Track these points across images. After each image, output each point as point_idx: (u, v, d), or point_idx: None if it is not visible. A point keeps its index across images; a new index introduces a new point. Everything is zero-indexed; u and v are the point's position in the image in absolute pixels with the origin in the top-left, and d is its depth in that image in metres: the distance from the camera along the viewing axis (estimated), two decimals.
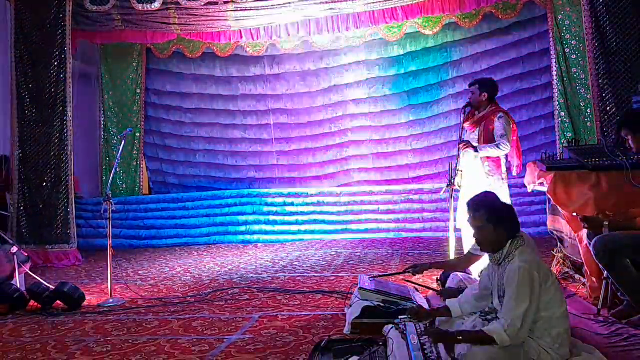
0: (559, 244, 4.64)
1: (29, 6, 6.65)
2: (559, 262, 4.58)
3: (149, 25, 7.56)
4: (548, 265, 2.81)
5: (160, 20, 7.35)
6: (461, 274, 4.21)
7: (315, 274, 5.37)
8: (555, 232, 4.63)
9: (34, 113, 6.68)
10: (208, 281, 5.30)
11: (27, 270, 4.74)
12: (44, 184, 6.64)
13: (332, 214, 8.12)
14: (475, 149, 4.48)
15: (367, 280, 3.88)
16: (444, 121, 8.63)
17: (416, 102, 8.82)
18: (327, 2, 7.07)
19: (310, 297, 4.46)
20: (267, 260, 6.29)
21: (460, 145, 4.55)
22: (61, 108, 6.66)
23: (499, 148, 4.41)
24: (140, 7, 6.86)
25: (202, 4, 6.93)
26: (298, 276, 5.31)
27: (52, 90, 6.66)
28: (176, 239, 7.98)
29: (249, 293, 4.70)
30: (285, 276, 5.35)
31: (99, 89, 9.20)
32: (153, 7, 6.84)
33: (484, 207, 2.62)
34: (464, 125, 4.70)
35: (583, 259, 3.74)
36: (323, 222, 8.02)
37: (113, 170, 5.14)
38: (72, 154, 6.70)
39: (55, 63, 6.65)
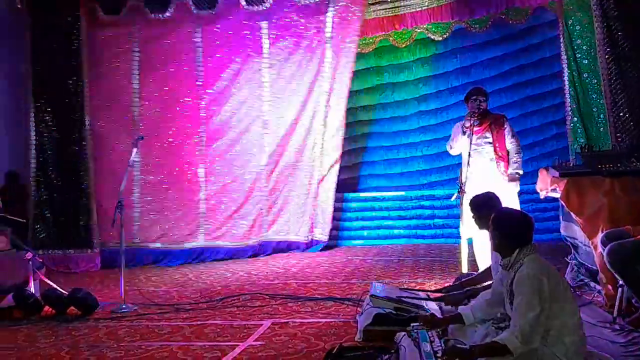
0: (572, 250, 4.59)
1: (44, 16, 6.73)
2: (573, 269, 4.53)
3: None
4: (560, 273, 2.78)
5: None
6: None
7: (327, 281, 5.37)
8: (568, 239, 4.59)
9: (51, 121, 6.76)
10: (219, 287, 5.32)
11: (42, 276, 4.79)
12: (65, 189, 6.71)
13: (342, 220, 8.11)
14: (516, 174, 4.70)
15: (379, 288, 3.88)
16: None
17: (426, 109, 8.80)
18: None
19: (322, 304, 4.45)
20: (279, 267, 6.29)
21: (505, 178, 4.70)
22: (79, 115, 6.74)
23: (518, 151, 4.76)
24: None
25: None
26: (309, 283, 5.31)
27: (69, 98, 6.75)
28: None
29: (261, 299, 4.70)
30: (296, 283, 5.34)
31: None
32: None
33: (501, 214, 2.67)
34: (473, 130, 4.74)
35: (597, 266, 3.71)
36: (333, 228, 8.00)
37: (125, 177, 5.16)
38: (91, 160, 6.76)
39: (72, 70, 6.73)
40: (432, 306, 3.78)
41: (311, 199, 7.20)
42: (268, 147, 7.18)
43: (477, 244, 4.67)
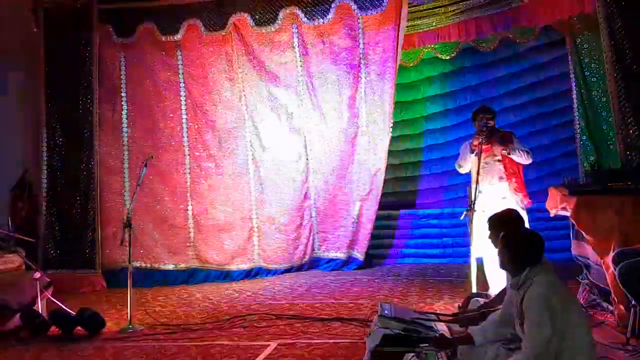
0: (584, 270, 4.52)
1: (58, 37, 6.86)
2: (585, 289, 4.45)
3: None
4: (572, 292, 2.74)
5: None
6: (483, 300, 4.13)
7: (334, 301, 5.31)
8: (580, 258, 4.52)
9: (62, 140, 6.85)
10: (226, 307, 5.29)
11: (49, 296, 4.79)
12: (73, 209, 6.76)
13: None
14: (508, 150, 4.61)
15: (387, 308, 3.82)
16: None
17: (434, 127, 8.80)
18: None
19: (329, 324, 4.40)
20: (286, 287, 6.24)
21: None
22: (88, 134, 6.82)
23: (529, 154, 4.64)
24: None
25: None
26: (316, 303, 5.26)
27: (80, 117, 6.83)
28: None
29: (267, 320, 4.66)
30: (303, 303, 5.29)
31: None
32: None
33: (513, 230, 2.64)
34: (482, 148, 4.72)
35: (610, 285, 3.64)
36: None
37: (134, 196, 5.20)
38: (98, 180, 6.81)
39: (83, 91, 6.83)
40: (442, 327, 3.72)
41: (353, 216, 7.11)
42: (314, 167, 7.17)
43: (488, 264, 4.62)
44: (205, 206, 7.07)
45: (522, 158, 4.64)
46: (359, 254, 7.14)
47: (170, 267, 6.94)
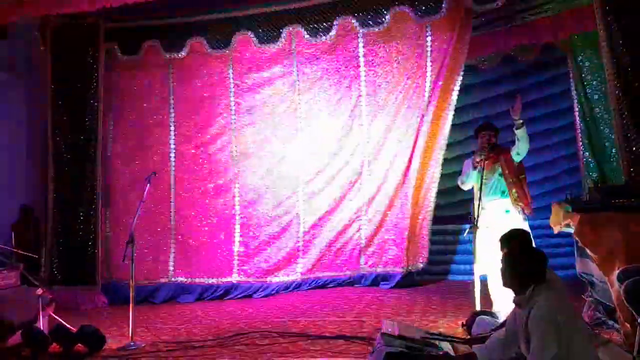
0: (589, 288, 4.49)
1: (64, 56, 6.93)
2: (590, 307, 4.41)
3: None
4: (577, 311, 2.72)
5: None
6: (488, 317, 4.11)
7: (337, 318, 5.27)
8: (584, 276, 4.49)
9: (68, 156, 6.88)
10: (228, 324, 5.25)
11: (51, 313, 4.77)
12: (76, 225, 6.78)
13: None
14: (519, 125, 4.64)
15: (391, 325, 3.80)
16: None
17: None
18: None
19: (332, 342, 4.36)
20: (288, 304, 6.20)
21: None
22: (93, 151, 6.86)
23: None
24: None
25: None
26: (319, 320, 5.22)
27: (86, 134, 6.87)
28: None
29: (270, 337, 4.62)
30: (306, 320, 5.26)
31: None
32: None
33: (515, 247, 2.63)
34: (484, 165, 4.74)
35: (615, 303, 3.60)
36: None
37: (137, 213, 5.19)
38: (100, 196, 6.83)
39: (88, 109, 6.89)
40: (445, 345, 3.68)
41: (407, 230, 6.93)
42: (368, 179, 7.05)
43: (492, 281, 4.59)
44: (253, 221, 7.07)
45: (526, 136, 4.65)
46: (404, 270, 6.92)
47: (213, 280, 6.93)
